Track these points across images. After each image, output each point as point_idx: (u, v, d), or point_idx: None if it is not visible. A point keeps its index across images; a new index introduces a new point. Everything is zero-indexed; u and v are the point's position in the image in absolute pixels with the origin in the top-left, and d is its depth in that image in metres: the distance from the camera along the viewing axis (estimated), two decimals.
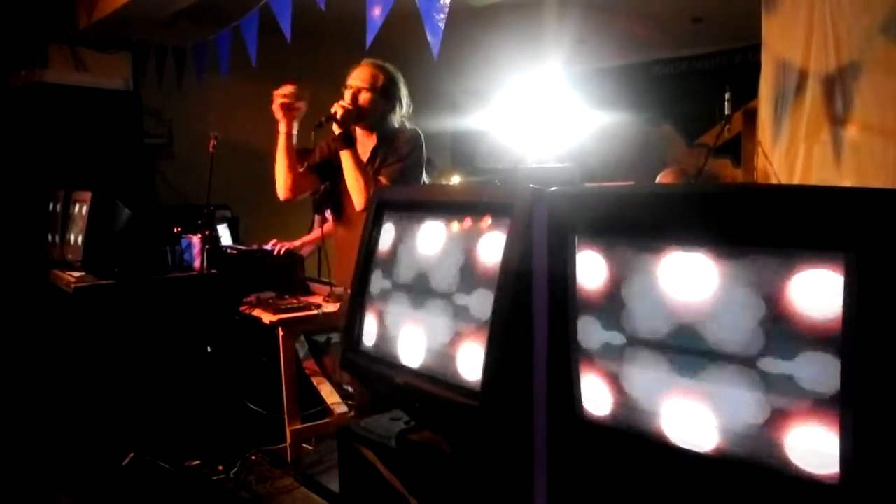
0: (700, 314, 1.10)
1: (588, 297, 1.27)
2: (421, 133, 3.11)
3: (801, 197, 1.03)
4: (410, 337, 1.64)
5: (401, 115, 3.15)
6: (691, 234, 1.12)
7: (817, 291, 0.98)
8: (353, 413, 3.72)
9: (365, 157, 3.07)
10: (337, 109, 2.95)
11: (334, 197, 3.18)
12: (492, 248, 1.47)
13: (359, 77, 3.07)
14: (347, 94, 3.04)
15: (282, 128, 3.02)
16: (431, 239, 1.65)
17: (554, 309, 1.32)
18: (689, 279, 1.12)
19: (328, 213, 5.14)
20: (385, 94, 3.07)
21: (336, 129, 2.96)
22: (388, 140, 3.07)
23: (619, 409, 1.22)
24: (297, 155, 3.10)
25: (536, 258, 1.36)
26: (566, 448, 1.33)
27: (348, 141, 2.95)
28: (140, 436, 3.65)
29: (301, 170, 3.11)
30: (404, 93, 3.15)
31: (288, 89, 2.99)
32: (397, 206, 1.80)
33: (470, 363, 1.46)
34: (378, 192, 1.90)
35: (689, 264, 1.12)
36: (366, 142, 3.12)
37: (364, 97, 3.03)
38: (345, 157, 2.94)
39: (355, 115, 3.00)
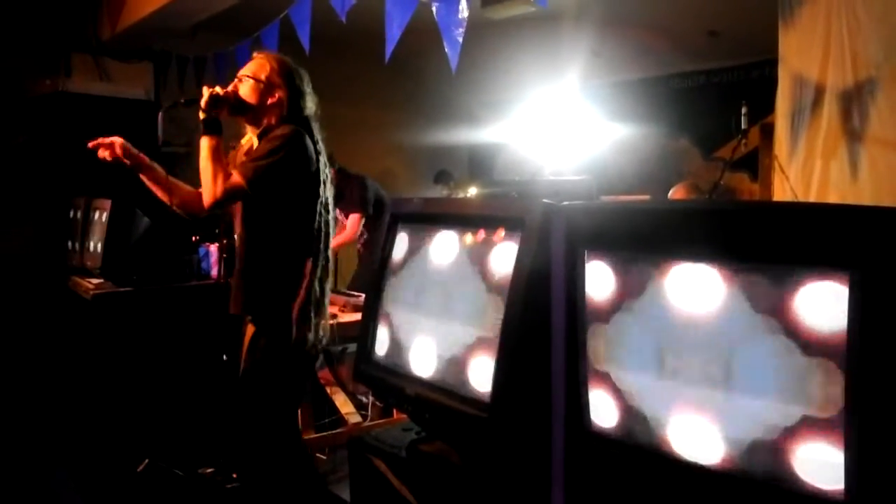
0: (707, 329, 1.11)
1: (597, 310, 1.28)
2: (301, 132, 2.66)
3: (805, 215, 1.04)
4: (422, 348, 1.65)
5: (290, 112, 2.72)
6: (698, 250, 1.13)
7: (822, 308, 0.98)
8: (367, 422, 3.74)
9: None
10: (204, 93, 2.62)
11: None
12: (503, 261, 1.49)
13: (246, 68, 2.77)
14: (231, 84, 2.74)
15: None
16: (444, 251, 1.67)
17: (563, 322, 1.33)
18: (696, 294, 1.13)
19: (340, 216, 5.19)
20: (268, 86, 2.71)
21: (201, 114, 2.62)
22: (264, 136, 2.71)
23: (626, 421, 1.23)
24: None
25: (547, 272, 1.37)
26: (576, 460, 1.34)
27: (211, 127, 2.62)
28: (155, 442, 3.68)
29: None
30: (299, 89, 2.76)
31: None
32: (411, 218, 1.82)
33: (480, 375, 1.48)
34: (392, 205, 1.92)
35: (696, 279, 1.13)
36: (254, 142, 2.79)
37: (245, 87, 2.71)
38: (202, 143, 2.63)
39: (231, 104, 2.68)
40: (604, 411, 1.27)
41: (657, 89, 7.77)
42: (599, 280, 1.28)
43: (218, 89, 2.64)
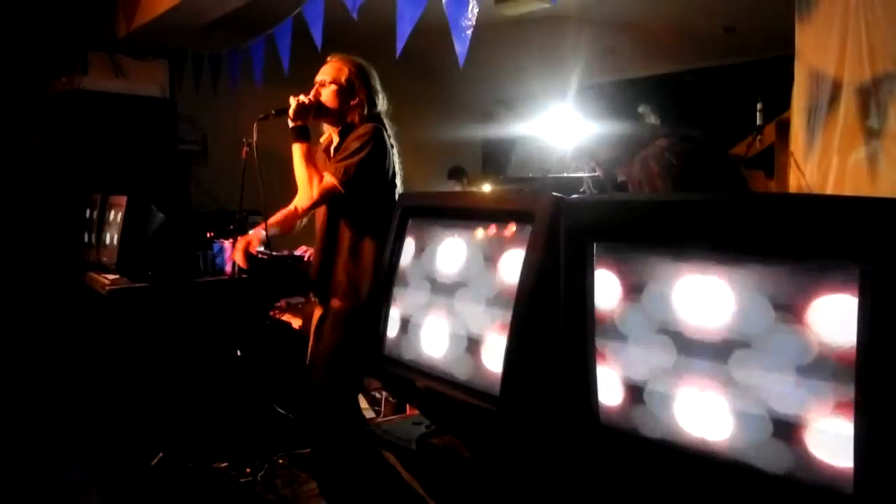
0: (714, 321, 1.11)
1: (607, 301, 1.27)
2: (381, 128, 2.89)
3: (815, 206, 1.03)
4: (432, 342, 1.65)
5: (369, 110, 2.95)
6: (705, 242, 1.12)
7: (832, 302, 0.98)
8: (380, 418, 3.74)
9: (332, 154, 2.98)
10: (291, 103, 2.84)
11: None
12: (513, 254, 1.48)
13: (324, 72, 2.96)
14: (312, 90, 2.94)
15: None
16: (454, 246, 1.67)
17: (572, 315, 1.33)
18: (704, 284, 1.12)
19: None
20: (349, 88, 2.92)
21: (290, 123, 2.85)
22: (346, 135, 2.92)
23: (638, 413, 1.23)
24: None
25: (557, 265, 1.37)
26: (587, 453, 1.34)
27: (300, 134, 2.84)
28: (169, 436, 3.70)
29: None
30: (374, 87, 2.98)
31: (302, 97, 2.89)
32: (421, 212, 1.82)
33: (490, 368, 1.48)
34: (402, 199, 1.92)
35: (705, 269, 1.12)
36: (334, 138, 3.02)
37: (326, 92, 2.91)
38: (295, 150, 2.84)
39: (314, 110, 2.88)
40: (615, 404, 1.27)
41: (672, 86, 7.74)
42: (609, 272, 1.27)
43: (302, 97, 2.85)
